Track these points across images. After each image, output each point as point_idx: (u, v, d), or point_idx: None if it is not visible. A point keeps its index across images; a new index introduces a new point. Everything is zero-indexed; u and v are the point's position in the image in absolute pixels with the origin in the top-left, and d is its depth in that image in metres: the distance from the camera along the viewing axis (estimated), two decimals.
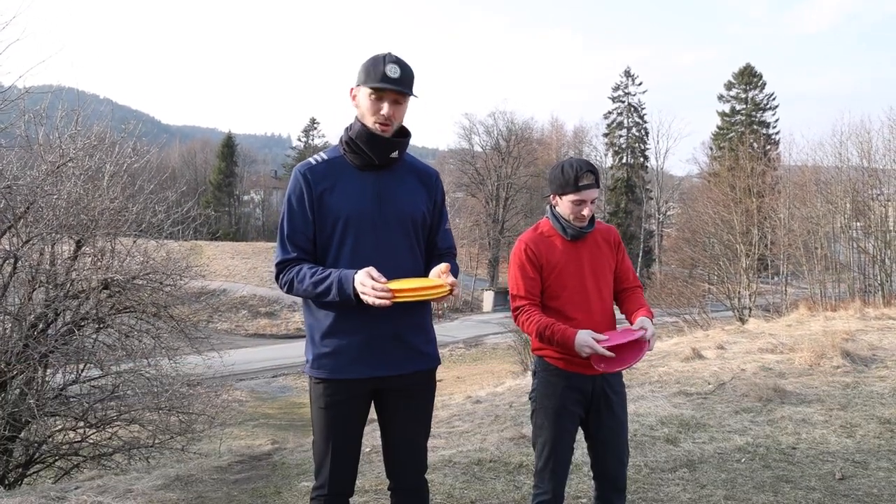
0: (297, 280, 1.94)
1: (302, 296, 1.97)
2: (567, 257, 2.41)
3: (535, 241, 2.44)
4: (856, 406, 5.00)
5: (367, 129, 1.95)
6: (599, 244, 2.47)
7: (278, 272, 1.99)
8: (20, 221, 6.91)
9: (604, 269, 2.46)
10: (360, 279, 1.83)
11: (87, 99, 10.16)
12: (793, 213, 25.23)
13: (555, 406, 2.40)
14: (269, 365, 23.93)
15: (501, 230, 49.56)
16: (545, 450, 2.41)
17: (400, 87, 1.91)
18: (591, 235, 2.45)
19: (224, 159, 61.14)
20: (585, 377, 2.39)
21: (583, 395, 2.40)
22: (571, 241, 2.42)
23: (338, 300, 1.88)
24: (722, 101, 47.96)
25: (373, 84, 1.91)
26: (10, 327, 7.03)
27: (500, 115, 52.37)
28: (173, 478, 4.12)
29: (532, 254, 2.41)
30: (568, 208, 2.36)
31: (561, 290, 2.39)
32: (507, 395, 6.91)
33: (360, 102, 1.97)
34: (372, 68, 1.93)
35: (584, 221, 2.39)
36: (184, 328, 8.62)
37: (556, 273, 2.40)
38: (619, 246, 2.53)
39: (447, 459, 4.06)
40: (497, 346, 27.52)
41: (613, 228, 2.58)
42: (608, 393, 2.42)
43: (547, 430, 2.41)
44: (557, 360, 2.41)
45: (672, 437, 4.35)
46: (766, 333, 8.98)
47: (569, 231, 2.40)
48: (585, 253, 2.43)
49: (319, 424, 2.02)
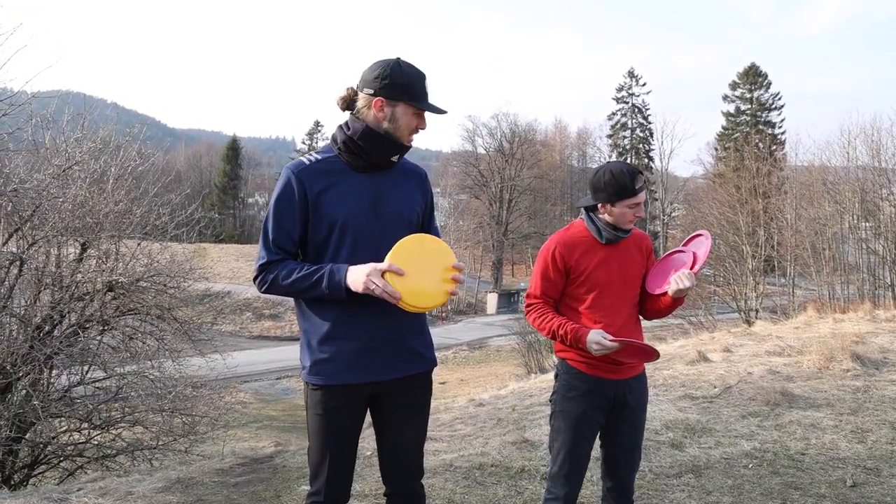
0: (283, 276, 1.88)
1: (284, 291, 1.91)
2: (598, 261, 2.36)
3: (566, 242, 2.39)
4: (867, 410, 4.92)
5: (373, 129, 1.92)
6: (632, 250, 2.42)
7: (259, 272, 1.93)
8: (26, 224, 6.94)
9: (634, 276, 2.41)
10: (368, 274, 1.79)
11: (94, 103, 10.21)
12: (800, 213, 25.09)
13: (575, 411, 2.36)
14: (273, 367, 23.97)
15: (505, 232, 49.53)
16: (560, 454, 2.37)
17: (442, 109, 1.98)
18: (624, 241, 2.40)
19: (229, 162, 61.46)
20: (608, 381, 2.35)
21: (605, 400, 2.36)
22: (605, 246, 2.38)
23: (327, 293, 1.84)
24: (727, 101, 47.82)
25: (421, 105, 1.94)
26: (16, 329, 7.07)
27: (503, 116, 52.49)
28: (174, 480, 4.10)
29: (559, 255, 2.36)
30: (623, 214, 2.32)
31: (587, 294, 2.35)
32: (511, 398, 6.86)
33: (395, 117, 1.93)
34: (416, 86, 1.93)
35: (633, 223, 2.38)
36: (188, 330, 8.64)
37: (585, 276, 2.35)
38: (650, 254, 2.48)
39: (448, 464, 4.02)
40: (501, 348, 27.48)
41: (647, 236, 2.52)
42: (629, 399, 2.38)
43: (564, 435, 2.37)
44: (580, 363, 2.36)
45: (677, 442, 4.30)
46: (774, 336, 8.90)
47: (605, 235, 2.35)
48: (618, 258, 2.38)
49: (316, 430, 1.99)
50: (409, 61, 1.97)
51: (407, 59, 1.97)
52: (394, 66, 1.92)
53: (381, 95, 1.91)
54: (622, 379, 2.37)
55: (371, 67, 1.95)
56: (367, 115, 1.95)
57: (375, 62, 1.96)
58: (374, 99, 1.92)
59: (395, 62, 1.94)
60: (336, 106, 2.01)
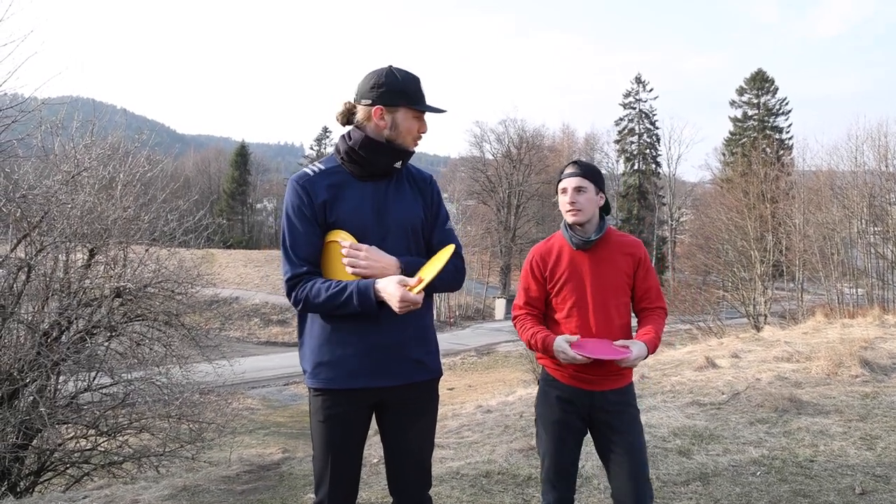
0: (312, 296, 1.90)
1: (319, 311, 1.93)
2: (571, 267, 2.35)
3: (542, 251, 2.42)
4: (876, 417, 4.87)
5: (372, 138, 1.94)
6: (614, 256, 2.35)
7: (290, 288, 1.95)
8: (35, 230, 6.98)
9: (613, 282, 2.33)
10: (392, 290, 1.81)
11: (103, 109, 10.31)
12: (808, 218, 24.89)
13: (551, 417, 2.38)
14: (281, 373, 23.96)
15: (513, 238, 49.45)
16: (545, 460, 2.40)
17: (441, 109, 2.00)
18: (603, 246, 2.35)
19: (237, 168, 61.74)
20: (582, 391, 2.33)
21: (580, 409, 2.34)
22: (578, 251, 2.36)
23: (359, 310, 1.86)
24: (734, 106, 47.62)
25: (420, 107, 1.96)
26: (24, 335, 7.10)
27: (510, 122, 52.47)
28: (180, 488, 4.10)
29: (536, 265, 2.40)
30: (561, 202, 2.36)
31: (563, 302, 2.35)
32: (518, 404, 6.83)
33: (396, 123, 1.95)
34: (412, 89, 1.96)
35: (575, 215, 2.31)
36: (195, 336, 8.66)
37: (560, 284, 2.36)
38: (641, 262, 2.38)
39: (455, 471, 4.01)
40: (509, 354, 27.37)
41: (638, 243, 2.43)
42: (611, 412, 2.32)
43: (544, 441, 2.40)
44: (554, 371, 2.39)
45: (685, 449, 4.26)
46: (782, 341, 8.82)
47: (573, 240, 2.34)
48: (591, 263, 2.34)
49: (319, 437, 1.99)
50: (402, 67, 1.99)
51: (399, 66, 1.99)
52: (388, 74, 1.95)
53: (380, 103, 1.93)
54: (600, 390, 2.32)
55: (366, 78, 1.98)
56: (368, 126, 1.97)
57: (369, 73, 1.99)
58: (373, 108, 1.94)
59: (389, 70, 1.96)
60: (336, 122, 2.04)
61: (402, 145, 1.97)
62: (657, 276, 2.49)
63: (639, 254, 2.39)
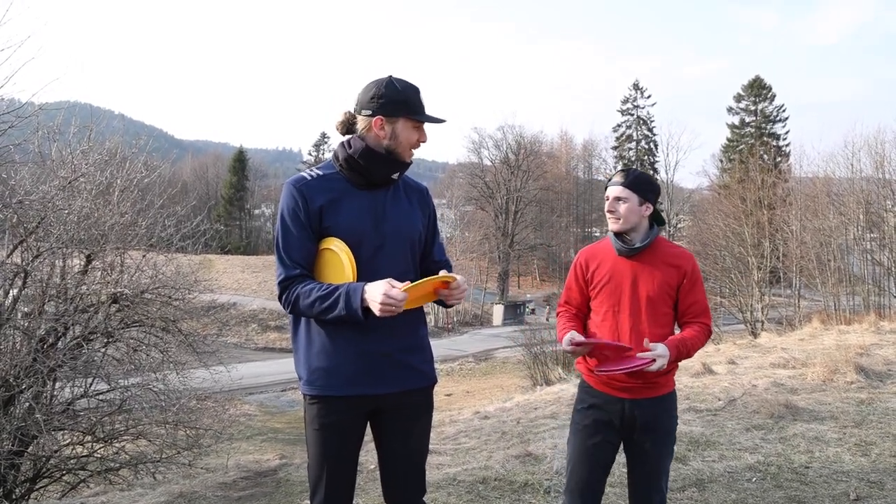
0: (303, 296, 1.89)
1: (306, 312, 1.92)
2: (611, 273, 2.35)
3: (588, 254, 2.45)
4: (871, 423, 4.88)
5: (372, 148, 1.95)
6: (658, 266, 2.31)
7: (282, 290, 1.95)
8: (31, 236, 6.98)
9: (652, 292, 2.29)
10: (377, 290, 1.78)
11: (101, 114, 10.32)
12: (805, 224, 25.00)
13: (581, 423, 2.37)
14: (279, 379, 23.88)
15: (511, 244, 49.50)
16: (569, 467, 2.39)
17: (440, 119, 2.01)
18: (649, 255, 2.32)
19: (235, 173, 61.76)
20: (613, 398, 2.32)
21: (610, 417, 2.31)
22: (621, 258, 2.35)
23: (344, 314, 1.83)
24: (731, 113, 47.90)
25: (420, 117, 1.97)
26: (20, 341, 7.07)
27: (509, 128, 52.72)
28: (177, 495, 4.10)
29: (580, 266, 2.44)
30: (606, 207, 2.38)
31: (600, 306, 2.37)
32: (516, 410, 6.84)
33: (396, 133, 1.96)
34: (412, 100, 1.96)
35: (614, 223, 2.32)
36: (192, 342, 8.63)
37: (599, 288, 2.37)
38: (687, 274, 2.31)
39: (451, 478, 4.01)
40: (507, 360, 27.34)
41: (688, 256, 2.37)
42: (640, 420, 2.29)
43: (571, 447, 2.40)
44: (588, 377, 2.40)
45: (681, 455, 4.27)
46: (779, 348, 8.85)
47: (617, 246, 2.35)
48: (633, 271, 2.32)
49: (314, 445, 1.99)
50: (401, 76, 2.00)
51: (399, 75, 2.00)
52: (388, 84, 1.95)
53: (380, 114, 1.94)
54: (634, 399, 2.30)
55: (366, 88, 1.98)
56: (368, 136, 1.98)
57: (369, 83, 1.99)
58: (373, 119, 1.95)
59: (389, 80, 1.97)
60: (336, 130, 2.05)
61: (401, 156, 1.98)
62: (704, 292, 2.39)
63: (686, 266, 2.32)
